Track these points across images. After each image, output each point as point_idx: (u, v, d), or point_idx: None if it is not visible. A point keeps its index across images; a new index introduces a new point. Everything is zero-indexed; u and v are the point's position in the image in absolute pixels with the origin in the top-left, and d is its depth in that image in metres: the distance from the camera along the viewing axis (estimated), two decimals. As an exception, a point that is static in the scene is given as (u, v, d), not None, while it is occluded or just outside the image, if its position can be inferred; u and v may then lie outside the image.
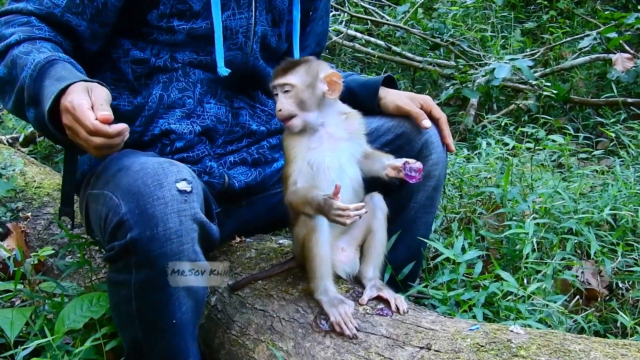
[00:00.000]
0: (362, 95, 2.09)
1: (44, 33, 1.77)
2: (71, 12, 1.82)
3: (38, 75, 1.63)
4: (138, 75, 1.97)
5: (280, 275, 1.91)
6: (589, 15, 5.63)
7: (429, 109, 2.04)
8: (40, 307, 2.05)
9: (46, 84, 1.60)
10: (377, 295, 1.74)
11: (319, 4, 2.25)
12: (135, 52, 1.95)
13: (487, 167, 3.12)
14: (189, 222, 1.53)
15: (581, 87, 4.83)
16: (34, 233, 2.81)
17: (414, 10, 5.34)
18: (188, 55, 1.96)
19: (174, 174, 1.55)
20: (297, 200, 1.71)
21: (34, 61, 1.64)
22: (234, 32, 1.97)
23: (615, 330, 2.14)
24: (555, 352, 1.40)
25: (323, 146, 1.74)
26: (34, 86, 1.63)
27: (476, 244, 2.49)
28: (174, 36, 1.92)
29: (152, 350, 1.67)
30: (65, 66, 1.64)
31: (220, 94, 2.02)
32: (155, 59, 1.95)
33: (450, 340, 1.53)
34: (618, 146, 3.55)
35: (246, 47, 2.01)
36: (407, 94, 2.10)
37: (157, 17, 1.90)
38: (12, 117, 4.22)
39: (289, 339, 1.70)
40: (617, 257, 2.29)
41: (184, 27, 1.91)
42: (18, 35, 1.72)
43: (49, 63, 1.63)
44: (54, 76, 1.60)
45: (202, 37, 1.93)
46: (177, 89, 1.96)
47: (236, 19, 1.97)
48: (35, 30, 1.76)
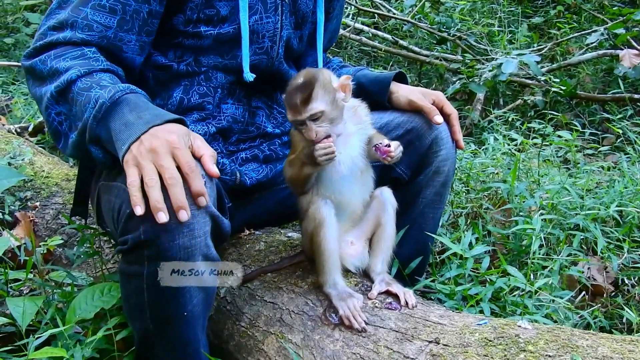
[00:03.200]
0: (373, 90, 2.09)
1: (101, 64, 1.70)
2: (123, 30, 1.78)
3: (102, 119, 1.59)
4: (160, 81, 1.96)
5: (289, 268, 1.92)
6: (596, 11, 5.61)
7: (441, 105, 2.04)
8: (50, 297, 2.07)
9: (113, 126, 1.57)
10: (386, 289, 1.75)
11: (335, 4, 2.26)
12: (157, 57, 1.94)
13: (494, 163, 3.12)
14: (201, 216, 1.53)
15: (588, 83, 4.83)
16: (42, 222, 2.83)
17: (421, 4, 5.34)
18: (213, 59, 1.95)
19: None
20: (293, 169, 1.73)
21: (98, 101, 1.58)
22: (261, 37, 1.97)
23: (621, 326, 2.15)
24: (562, 347, 1.41)
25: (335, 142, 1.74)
26: (96, 128, 1.60)
27: (483, 239, 2.50)
28: (200, 41, 1.91)
29: (163, 341, 1.68)
30: (130, 104, 1.59)
31: (239, 94, 2.03)
32: (178, 65, 1.94)
33: (459, 334, 1.54)
34: (625, 142, 3.56)
35: (272, 51, 2.01)
36: (420, 89, 2.10)
37: (184, 22, 1.88)
38: (20, 107, 4.23)
39: (298, 332, 1.72)
40: (623, 253, 2.31)
41: (211, 33, 1.90)
42: (78, 70, 1.66)
43: (114, 104, 1.59)
44: (120, 121, 1.56)
45: (228, 41, 1.93)
46: (198, 93, 1.96)
47: (263, 23, 1.96)
48: (92, 62, 1.70)
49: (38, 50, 1.76)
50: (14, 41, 6.10)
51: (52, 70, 1.69)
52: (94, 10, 1.75)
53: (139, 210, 1.43)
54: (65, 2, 1.79)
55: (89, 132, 1.61)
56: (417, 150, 2.00)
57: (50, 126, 1.73)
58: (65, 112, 1.69)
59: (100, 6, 1.75)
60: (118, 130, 1.55)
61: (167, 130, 1.51)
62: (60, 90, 1.66)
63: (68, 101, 1.67)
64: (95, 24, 1.75)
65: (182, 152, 1.48)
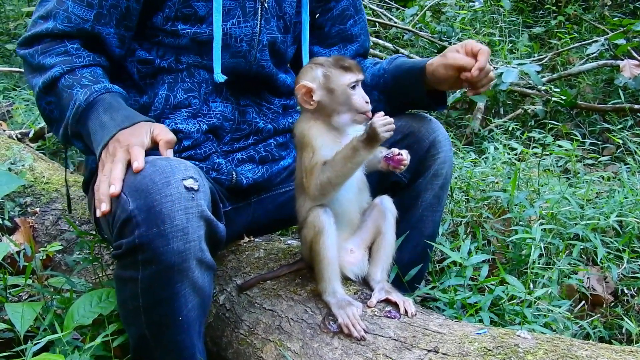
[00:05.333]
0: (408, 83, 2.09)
1: (83, 60, 1.85)
2: (100, 23, 1.87)
3: (80, 118, 1.76)
4: (143, 75, 1.99)
5: (288, 275, 1.92)
6: (597, 21, 5.64)
7: (471, 49, 1.93)
8: (49, 303, 2.06)
9: (90, 125, 1.74)
10: (386, 297, 1.75)
11: (333, 4, 2.22)
12: (141, 52, 1.98)
13: (494, 172, 3.12)
14: (195, 220, 1.54)
15: (588, 93, 4.84)
16: (42, 228, 2.83)
17: (422, 13, 5.35)
18: (192, 58, 1.97)
19: (182, 171, 1.56)
20: (339, 164, 1.66)
21: (75, 103, 1.76)
22: (238, 40, 1.98)
23: (620, 337, 2.15)
24: (562, 357, 1.40)
25: (342, 144, 1.73)
26: (76, 126, 1.78)
27: (482, 248, 2.50)
28: (178, 39, 1.93)
29: (158, 347, 1.68)
30: (104, 104, 1.75)
31: (226, 93, 2.03)
32: (161, 60, 1.97)
33: (458, 343, 1.54)
34: (625, 152, 3.56)
35: (249, 55, 2.01)
36: (451, 48, 2.00)
37: (163, 20, 1.92)
38: (21, 112, 4.24)
39: (297, 339, 1.72)
40: (623, 263, 2.30)
41: (188, 32, 1.92)
42: (61, 68, 1.81)
43: (89, 105, 1.75)
44: (96, 121, 1.73)
45: (205, 42, 1.94)
46: (182, 89, 1.98)
47: (241, 27, 1.97)
48: (74, 59, 1.84)
49: (29, 40, 1.90)
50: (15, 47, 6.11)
51: (40, 65, 1.84)
52: (74, 3, 1.85)
53: (103, 206, 1.57)
54: None
55: (70, 129, 1.79)
56: (416, 153, 2.00)
57: (43, 113, 1.90)
58: (55, 102, 1.84)
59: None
60: (94, 131, 1.72)
61: (129, 133, 1.65)
62: (47, 86, 1.82)
63: (55, 94, 1.82)
64: (73, 16, 1.86)
65: (134, 149, 1.60)
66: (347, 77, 1.72)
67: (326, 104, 1.75)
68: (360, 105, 1.72)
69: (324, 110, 1.75)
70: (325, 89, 1.74)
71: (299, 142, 1.78)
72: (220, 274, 2.04)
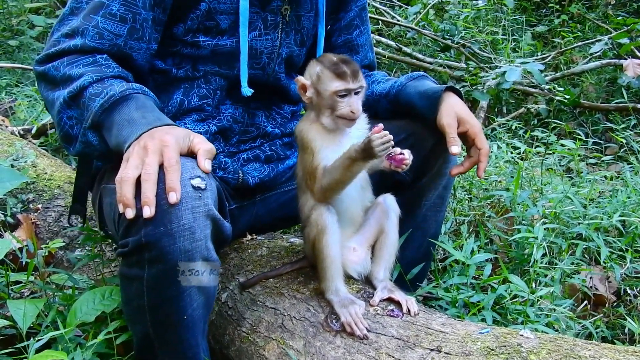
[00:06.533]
0: (421, 104, 2.03)
1: (113, 71, 1.75)
2: (133, 38, 1.81)
3: (109, 108, 1.65)
4: (159, 84, 1.97)
5: (291, 274, 1.92)
6: (600, 20, 5.63)
7: (474, 137, 1.94)
8: (51, 299, 2.06)
9: (117, 118, 1.63)
10: (388, 296, 1.75)
11: (342, 14, 2.22)
12: (156, 62, 1.95)
13: (496, 171, 3.12)
14: (202, 219, 1.53)
15: (591, 92, 4.83)
16: (44, 225, 2.83)
17: (426, 12, 5.34)
18: (210, 67, 1.96)
19: (189, 171, 1.56)
20: (338, 172, 1.67)
21: (109, 93, 1.65)
22: (259, 53, 1.99)
23: (622, 337, 2.15)
24: (565, 357, 1.40)
25: (342, 145, 1.74)
26: (101, 116, 1.66)
27: (485, 247, 2.49)
28: (198, 50, 1.92)
29: (163, 345, 1.68)
30: (138, 102, 1.66)
31: (237, 95, 2.03)
32: (177, 70, 1.95)
33: (461, 343, 1.53)
34: (628, 152, 3.55)
35: (268, 67, 2.03)
36: (459, 111, 1.96)
37: (184, 31, 1.90)
38: (24, 109, 4.23)
39: (299, 338, 1.71)
40: (626, 263, 2.30)
41: (209, 43, 1.91)
42: (90, 77, 1.70)
43: (123, 98, 1.65)
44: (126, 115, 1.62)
45: (226, 54, 1.94)
46: (198, 95, 1.97)
47: (262, 40, 1.98)
48: (104, 69, 1.74)
49: (50, 57, 1.78)
50: (18, 43, 6.11)
51: (65, 76, 1.73)
52: (105, 19, 1.77)
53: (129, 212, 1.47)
54: (77, 8, 1.81)
55: (92, 117, 1.66)
56: (419, 153, 1.99)
57: (62, 130, 1.76)
58: (77, 117, 1.72)
59: (111, 15, 1.77)
60: (121, 125, 1.61)
61: (165, 131, 1.56)
62: (73, 96, 1.70)
63: (79, 106, 1.70)
64: (106, 33, 1.77)
65: (169, 149, 1.50)
66: (335, 84, 1.70)
67: (315, 102, 1.76)
68: (345, 113, 1.71)
69: (315, 107, 1.77)
70: (315, 89, 1.75)
71: (299, 142, 1.79)
72: (222, 271, 2.04)
